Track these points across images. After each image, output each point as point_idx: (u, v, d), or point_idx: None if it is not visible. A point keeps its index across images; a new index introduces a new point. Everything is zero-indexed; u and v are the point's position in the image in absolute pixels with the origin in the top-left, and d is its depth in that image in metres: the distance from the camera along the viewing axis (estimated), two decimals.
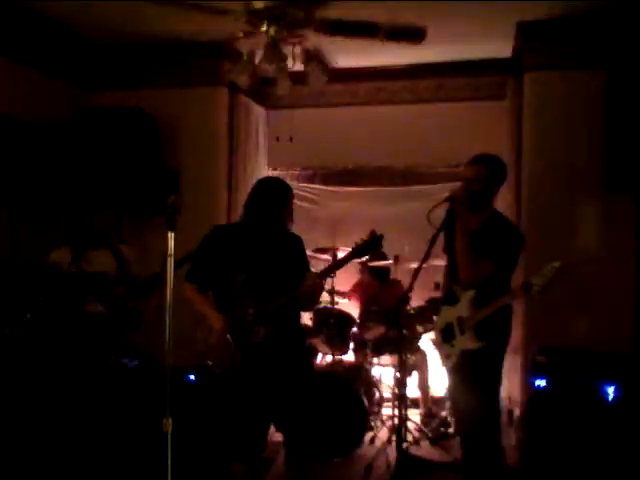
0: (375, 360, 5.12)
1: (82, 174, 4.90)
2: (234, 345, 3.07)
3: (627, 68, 4.25)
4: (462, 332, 3.19)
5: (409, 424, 4.70)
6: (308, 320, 5.11)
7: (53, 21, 4.84)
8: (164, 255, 2.57)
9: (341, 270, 3.41)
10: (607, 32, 4.58)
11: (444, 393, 5.16)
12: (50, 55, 5.07)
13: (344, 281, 5.49)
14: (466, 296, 3.19)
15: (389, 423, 4.75)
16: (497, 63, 5.39)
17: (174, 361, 2.53)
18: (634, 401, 3.69)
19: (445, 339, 3.32)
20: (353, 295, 5.51)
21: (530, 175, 4.85)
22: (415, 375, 5.16)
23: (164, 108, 5.23)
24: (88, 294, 3.79)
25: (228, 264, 3.15)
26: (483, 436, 3.21)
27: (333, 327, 4.93)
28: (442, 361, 3.42)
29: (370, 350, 5.01)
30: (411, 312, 4.89)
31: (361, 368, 4.99)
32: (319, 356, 5.28)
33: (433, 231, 3.16)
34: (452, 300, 3.30)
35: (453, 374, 3.38)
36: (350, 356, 5.23)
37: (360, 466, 4.20)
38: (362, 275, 5.55)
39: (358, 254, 3.14)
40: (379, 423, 4.86)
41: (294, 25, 3.99)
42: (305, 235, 3.39)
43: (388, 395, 5.12)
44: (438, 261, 3.56)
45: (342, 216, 5.99)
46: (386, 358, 5.09)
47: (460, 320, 3.20)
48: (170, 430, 2.49)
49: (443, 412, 5.00)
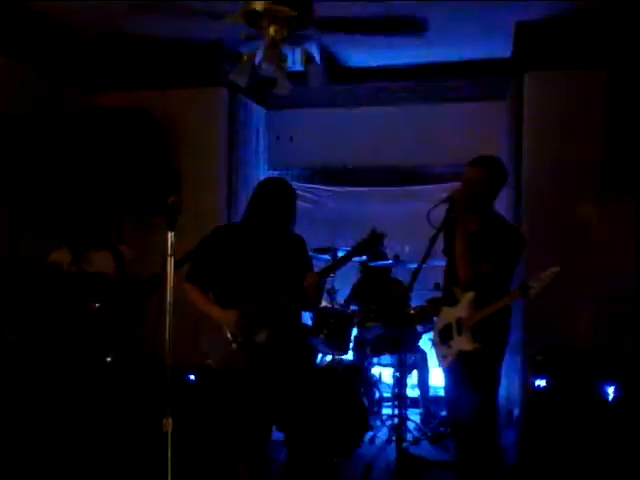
0: (375, 360, 5.12)
1: (82, 174, 4.90)
2: (237, 345, 3.07)
3: (627, 68, 4.25)
4: (459, 333, 3.19)
5: (409, 424, 4.71)
6: (308, 320, 5.11)
7: (54, 21, 4.84)
8: (165, 255, 2.57)
9: (341, 270, 3.41)
10: (607, 32, 4.58)
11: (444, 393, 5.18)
12: (51, 55, 5.06)
13: (344, 281, 5.49)
14: (466, 297, 3.19)
15: (389, 423, 4.75)
16: (497, 63, 5.39)
17: (174, 361, 2.53)
18: (634, 401, 3.69)
19: (443, 339, 3.32)
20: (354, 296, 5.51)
21: (530, 175, 4.84)
22: (415, 374, 5.16)
23: (164, 108, 5.23)
24: (88, 294, 3.80)
25: (230, 265, 3.13)
26: (478, 438, 3.21)
27: (333, 327, 4.93)
28: (439, 361, 3.43)
29: (370, 350, 5.01)
30: (411, 312, 4.89)
31: (361, 368, 4.99)
32: (319, 356, 5.28)
33: (433, 231, 3.16)
34: (452, 301, 3.30)
35: (449, 375, 3.39)
36: (350, 356, 5.23)
37: (360, 466, 4.21)
38: (362, 275, 5.55)
39: (358, 252, 3.14)
40: (379, 423, 4.86)
41: (294, 24, 4.00)
42: (305, 235, 3.39)
43: (388, 395, 5.12)
44: (438, 261, 3.57)
45: (342, 216, 5.99)
46: (386, 358, 5.09)
47: (459, 321, 3.20)
48: (170, 430, 2.49)
49: (443, 412, 5.01)
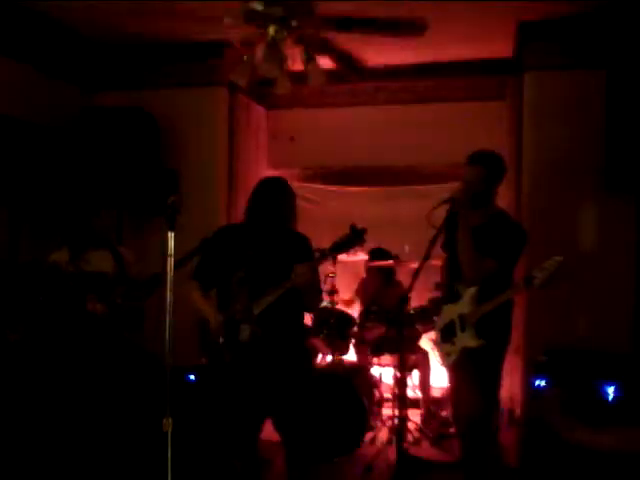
0: (375, 360, 5.12)
1: (82, 174, 4.90)
2: (222, 342, 3.08)
3: (627, 68, 4.25)
4: (463, 330, 3.19)
5: (409, 424, 4.71)
6: (308, 320, 5.11)
7: (54, 21, 4.84)
8: (165, 255, 2.57)
9: (343, 271, 3.41)
10: (607, 32, 4.58)
11: (444, 393, 5.17)
12: (51, 55, 5.07)
13: (345, 282, 5.49)
14: (468, 293, 3.18)
15: (389, 423, 4.75)
16: (497, 63, 5.38)
17: (174, 361, 2.53)
18: (634, 401, 3.69)
19: (446, 337, 3.31)
20: (357, 297, 5.51)
21: (530, 175, 4.84)
22: (415, 375, 5.16)
23: (164, 108, 5.23)
24: (88, 294, 3.79)
25: (230, 263, 3.15)
26: (481, 435, 3.21)
27: (333, 327, 4.93)
28: (441, 360, 3.42)
29: (370, 350, 5.01)
30: (411, 312, 4.89)
31: (361, 368, 4.99)
32: (319, 356, 5.28)
33: (433, 231, 3.15)
34: (453, 298, 3.29)
35: (453, 372, 3.38)
36: (350, 356, 5.23)
37: (360, 466, 4.21)
38: (367, 275, 5.53)
39: (339, 249, 3.03)
40: (379, 423, 4.86)
41: (294, 24, 3.99)
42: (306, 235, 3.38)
43: (388, 395, 5.12)
44: (438, 261, 3.56)
45: (342, 216, 5.97)
46: (386, 358, 5.09)
47: (462, 317, 3.19)
48: (170, 430, 2.49)
49: (443, 412, 5.01)
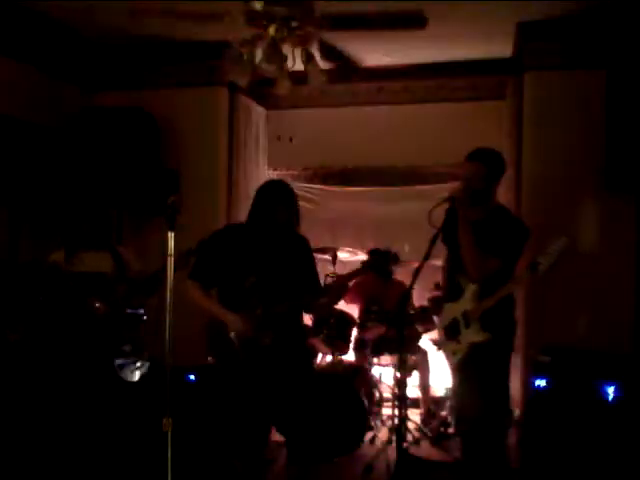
0: (375, 360, 5.12)
1: (82, 174, 4.90)
2: (238, 344, 3.08)
3: (627, 68, 4.25)
4: (467, 326, 3.17)
5: (409, 424, 4.70)
6: (308, 320, 5.11)
7: (54, 21, 4.84)
8: (171, 257, 2.58)
9: (342, 271, 3.45)
10: (607, 32, 4.58)
11: (444, 393, 5.17)
12: (51, 55, 5.07)
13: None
14: (470, 289, 3.17)
15: (389, 423, 4.74)
16: (497, 63, 5.38)
17: (174, 361, 2.53)
18: (634, 401, 3.69)
19: (450, 335, 3.28)
20: (349, 296, 5.48)
21: (530, 175, 4.84)
22: (415, 375, 5.16)
23: (164, 108, 5.23)
24: (88, 294, 3.79)
25: (236, 266, 3.14)
26: (488, 435, 3.18)
27: (333, 327, 4.93)
28: (447, 359, 3.39)
29: (370, 350, 5.01)
30: (411, 312, 4.89)
31: (361, 368, 4.99)
32: (319, 356, 5.28)
33: (433, 231, 3.14)
34: (455, 295, 3.27)
35: (460, 371, 3.32)
36: (350, 356, 5.22)
37: (360, 466, 4.21)
38: (364, 276, 5.51)
39: (364, 271, 3.32)
40: (379, 423, 4.86)
41: (294, 24, 3.99)
42: (305, 235, 3.39)
43: (388, 395, 5.12)
44: (439, 261, 3.56)
45: (342, 216, 5.99)
46: (386, 358, 5.08)
47: (465, 314, 3.18)
48: (170, 430, 2.49)
49: (443, 412, 5.00)
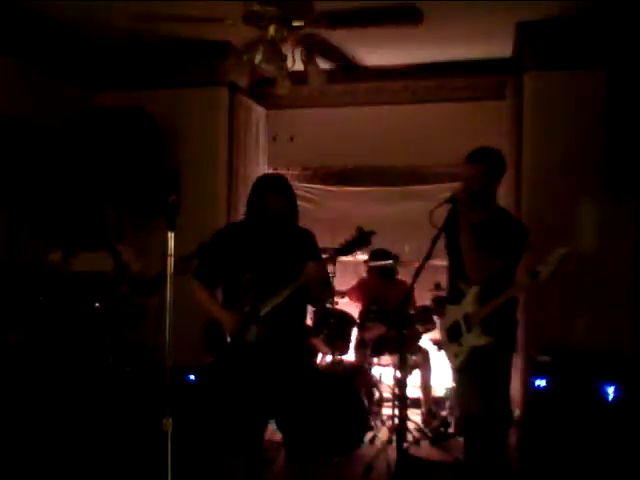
0: (375, 360, 5.12)
1: (82, 174, 4.90)
2: (229, 341, 3.08)
3: (627, 68, 4.24)
4: (469, 329, 3.17)
5: (409, 424, 4.71)
6: (308, 320, 5.11)
7: (54, 21, 4.84)
8: (171, 257, 2.58)
9: (342, 271, 3.41)
10: (607, 32, 4.58)
11: (444, 393, 5.17)
12: (51, 55, 5.07)
13: (345, 282, 5.48)
14: (471, 292, 3.17)
15: (389, 423, 4.75)
16: (497, 63, 5.38)
17: (174, 361, 2.53)
18: (634, 401, 3.69)
19: (452, 338, 3.28)
20: (354, 294, 5.49)
21: (530, 175, 4.84)
22: (416, 375, 5.16)
23: (164, 108, 5.23)
24: (89, 294, 3.79)
25: (235, 262, 3.13)
26: (491, 436, 3.17)
27: (333, 327, 4.93)
28: (449, 361, 3.38)
29: (370, 350, 5.01)
30: (411, 312, 4.89)
31: (361, 368, 4.99)
32: (319, 356, 5.28)
33: (434, 231, 3.14)
34: (457, 298, 3.28)
35: (461, 373, 3.32)
36: (350, 356, 5.23)
37: (360, 466, 4.21)
38: (368, 275, 5.52)
39: (347, 250, 3.09)
40: (379, 423, 4.86)
41: (293, 23, 3.99)
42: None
43: (388, 395, 5.12)
44: (439, 261, 3.56)
45: (342, 216, 5.98)
46: (386, 358, 5.09)
47: (466, 317, 3.18)
48: (170, 430, 2.49)
49: (443, 412, 5.01)
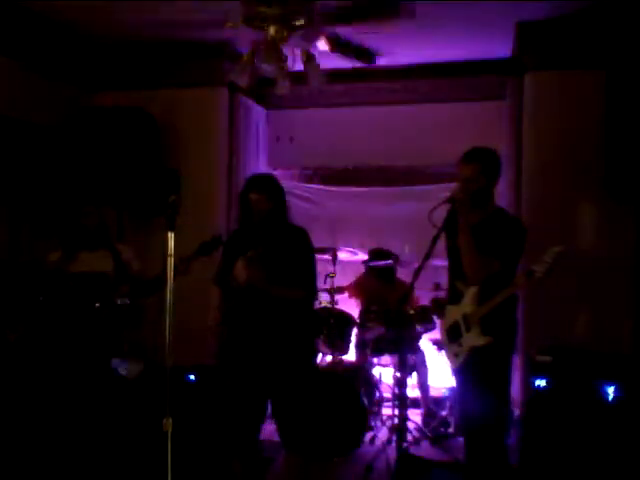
0: (375, 360, 5.12)
1: (82, 174, 4.90)
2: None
3: (627, 68, 4.24)
4: (468, 329, 3.17)
5: (409, 424, 4.71)
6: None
7: (53, 21, 4.84)
8: (171, 257, 2.59)
9: (343, 272, 3.44)
10: (607, 32, 4.57)
11: (444, 393, 5.17)
12: (50, 55, 5.06)
13: (345, 282, 5.48)
14: (469, 293, 3.17)
15: (389, 423, 4.75)
16: (497, 63, 5.37)
17: (174, 361, 2.53)
18: (634, 401, 3.69)
19: (452, 338, 3.28)
20: (352, 291, 5.49)
21: (530, 175, 4.84)
22: (415, 375, 5.16)
23: (164, 108, 5.23)
24: (90, 294, 3.79)
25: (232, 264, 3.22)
26: (491, 437, 3.17)
27: (333, 327, 4.93)
28: (450, 361, 3.38)
29: (370, 350, 5.01)
30: (411, 312, 4.89)
31: (361, 368, 4.99)
32: (319, 356, 5.28)
33: (433, 231, 3.14)
34: (457, 298, 3.28)
35: (461, 373, 3.32)
36: (350, 356, 5.23)
37: (360, 466, 4.21)
38: (367, 276, 5.52)
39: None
40: (379, 423, 4.86)
41: (294, 23, 3.99)
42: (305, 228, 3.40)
43: (388, 395, 5.12)
44: (439, 261, 3.56)
45: (342, 216, 5.99)
46: (386, 358, 5.09)
47: (465, 317, 3.18)
48: (170, 430, 2.50)
49: (443, 412, 5.00)
